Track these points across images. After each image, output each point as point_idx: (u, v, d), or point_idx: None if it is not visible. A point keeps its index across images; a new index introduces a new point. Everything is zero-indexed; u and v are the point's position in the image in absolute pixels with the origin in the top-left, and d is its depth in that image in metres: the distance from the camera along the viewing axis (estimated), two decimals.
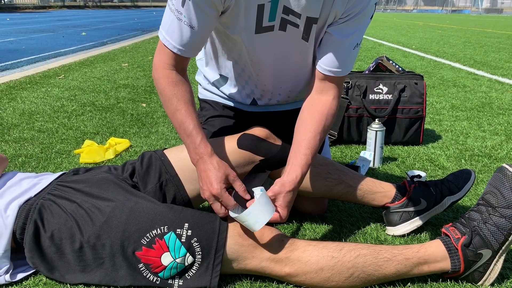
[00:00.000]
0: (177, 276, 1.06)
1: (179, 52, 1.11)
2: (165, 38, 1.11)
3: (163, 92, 1.14)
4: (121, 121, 2.69)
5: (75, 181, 1.17)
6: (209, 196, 1.09)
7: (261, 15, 1.14)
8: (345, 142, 2.31)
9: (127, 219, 1.05)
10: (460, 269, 1.10)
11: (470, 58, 5.96)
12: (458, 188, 1.34)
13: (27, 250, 1.09)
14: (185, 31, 1.09)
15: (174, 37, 1.10)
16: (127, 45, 7.36)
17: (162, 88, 1.14)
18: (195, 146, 1.11)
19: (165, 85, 1.13)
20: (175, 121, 1.13)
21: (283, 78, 1.33)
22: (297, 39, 1.21)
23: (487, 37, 9.96)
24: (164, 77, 1.13)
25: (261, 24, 1.16)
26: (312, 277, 1.07)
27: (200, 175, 1.12)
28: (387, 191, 1.35)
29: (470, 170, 1.37)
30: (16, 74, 4.47)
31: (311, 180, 1.30)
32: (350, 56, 1.20)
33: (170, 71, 1.14)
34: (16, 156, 2.05)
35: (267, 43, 1.21)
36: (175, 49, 1.11)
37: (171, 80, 1.13)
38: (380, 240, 1.36)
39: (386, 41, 8.70)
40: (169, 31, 1.10)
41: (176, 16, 1.08)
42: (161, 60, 1.14)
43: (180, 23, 1.08)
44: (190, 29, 1.09)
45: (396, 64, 2.44)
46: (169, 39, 1.11)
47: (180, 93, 1.14)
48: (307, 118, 1.21)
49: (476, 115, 2.89)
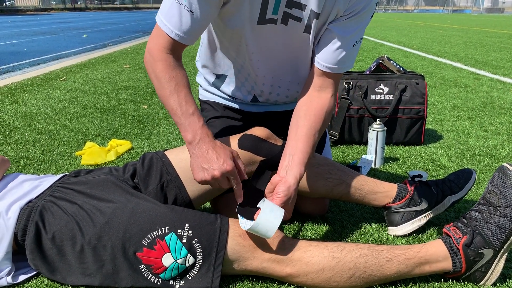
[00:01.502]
0: (178, 277, 1.06)
1: (177, 37, 1.09)
2: (163, 22, 1.09)
3: (160, 74, 1.10)
4: (122, 123, 2.69)
5: (76, 183, 1.17)
6: (222, 174, 1.05)
7: (265, 7, 1.14)
8: (346, 142, 2.31)
9: (128, 220, 1.05)
10: (461, 269, 1.10)
11: (472, 58, 5.95)
12: (459, 187, 1.34)
13: (29, 252, 1.09)
14: (185, 16, 1.07)
15: (172, 22, 1.08)
16: (128, 47, 7.37)
17: (159, 70, 1.10)
18: (196, 127, 1.08)
19: (162, 68, 1.10)
20: (173, 102, 1.09)
21: (282, 71, 1.33)
22: (299, 33, 1.21)
23: (489, 37, 9.94)
24: (162, 60, 1.10)
25: (265, 16, 1.16)
26: (314, 278, 1.07)
27: (202, 156, 1.06)
28: (388, 191, 1.35)
29: (471, 169, 1.36)
30: (18, 76, 4.48)
31: (312, 180, 1.30)
32: (349, 54, 1.20)
33: (167, 54, 1.11)
34: (18, 158, 2.06)
35: (268, 35, 1.21)
36: (173, 34, 1.08)
37: (169, 63, 1.10)
38: (381, 240, 1.36)
39: (387, 41, 8.69)
40: (168, 16, 1.08)
41: (176, 0, 1.06)
42: (156, 46, 1.11)
43: (180, 8, 1.06)
44: (190, 14, 1.07)
45: (397, 64, 2.43)
46: (167, 24, 1.08)
47: (179, 76, 1.11)
48: (305, 115, 1.20)
49: (478, 115, 2.89)
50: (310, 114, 1.20)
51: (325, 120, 1.21)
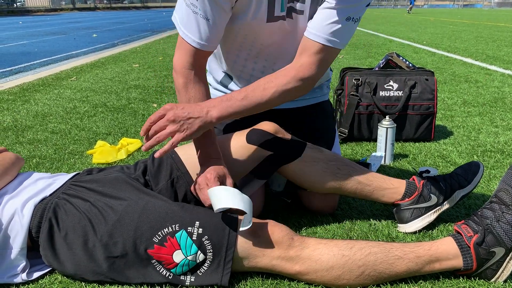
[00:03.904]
0: (189, 272, 1.07)
1: (198, 45, 1.15)
2: (184, 33, 1.15)
3: (180, 94, 1.20)
4: (132, 122, 2.72)
5: (89, 181, 1.19)
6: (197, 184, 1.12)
7: (273, 5, 1.17)
8: (355, 139, 2.30)
9: (139, 217, 1.07)
10: (472, 267, 1.10)
11: (482, 53, 5.87)
12: (468, 181, 1.33)
13: (42, 248, 1.11)
14: (202, 24, 1.12)
15: (192, 31, 1.14)
16: (137, 46, 7.42)
17: (179, 90, 1.20)
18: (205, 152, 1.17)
19: (183, 85, 1.18)
20: None
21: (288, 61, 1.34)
22: (303, 24, 1.22)
23: (500, 31, 9.80)
24: (183, 77, 1.18)
25: (273, 13, 1.19)
26: (323, 275, 1.07)
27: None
28: (396, 187, 1.35)
29: (478, 162, 1.35)
30: (29, 76, 4.54)
31: (320, 176, 1.30)
32: (339, 27, 1.13)
33: (189, 70, 1.18)
34: (31, 158, 2.09)
35: (276, 31, 1.24)
36: (194, 43, 1.14)
37: (189, 80, 1.18)
38: (391, 237, 1.35)
39: (396, 37, 8.62)
40: (187, 26, 1.14)
41: (192, 10, 1.12)
42: (180, 59, 1.18)
43: (196, 16, 1.12)
44: (206, 21, 1.12)
45: (406, 60, 2.42)
46: (187, 33, 1.14)
47: (196, 95, 1.19)
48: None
49: (489, 111, 2.86)
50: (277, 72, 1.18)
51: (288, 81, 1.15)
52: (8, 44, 8.41)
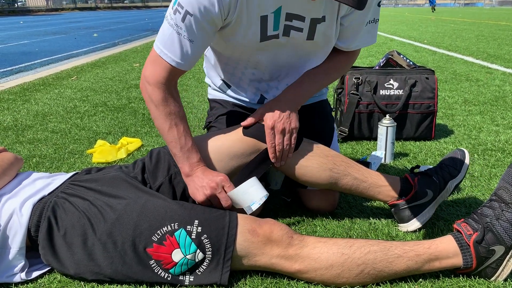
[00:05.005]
0: (188, 272, 1.07)
1: (177, 65, 1.14)
2: (163, 51, 1.13)
3: (160, 108, 1.16)
4: (132, 121, 2.72)
5: (87, 180, 1.19)
6: (212, 190, 1.14)
7: (265, 26, 1.17)
8: (356, 138, 2.30)
9: (138, 216, 1.07)
10: (472, 266, 1.09)
11: (484, 52, 5.86)
12: (457, 170, 1.34)
13: (41, 247, 1.11)
14: (185, 45, 1.12)
15: (173, 51, 1.12)
16: (138, 46, 7.42)
17: (157, 104, 1.16)
18: (193, 161, 1.17)
19: (160, 100, 1.15)
20: (172, 136, 1.16)
21: (289, 73, 1.36)
22: (301, 41, 1.24)
23: (501, 30, 9.78)
24: (160, 92, 1.15)
25: (266, 33, 1.19)
26: (322, 274, 1.07)
27: (195, 180, 1.16)
28: (391, 184, 1.35)
29: (462, 149, 1.38)
30: (30, 76, 4.54)
31: (316, 170, 1.30)
32: (365, 31, 1.29)
33: (164, 85, 1.15)
34: (30, 157, 2.09)
35: (271, 48, 1.25)
36: (174, 62, 1.13)
37: (167, 95, 1.16)
38: (391, 236, 1.35)
39: (397, 36, 8.61)
40: (167, 45, 1.12)
41: (175, 30, 1.10)
42: (155, 74, 1.15)
43: (180, 37, 1.11)
44: (190, 43, 1.11)
45: (407, 59, 2.41)
46: (167, 53, 1.12)
47: (176, 109, 1.17)
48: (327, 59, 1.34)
49: (490, 109, 2.85)
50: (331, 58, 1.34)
51: (344, 65, 1.37)
52: (9, 44, 8.42)
